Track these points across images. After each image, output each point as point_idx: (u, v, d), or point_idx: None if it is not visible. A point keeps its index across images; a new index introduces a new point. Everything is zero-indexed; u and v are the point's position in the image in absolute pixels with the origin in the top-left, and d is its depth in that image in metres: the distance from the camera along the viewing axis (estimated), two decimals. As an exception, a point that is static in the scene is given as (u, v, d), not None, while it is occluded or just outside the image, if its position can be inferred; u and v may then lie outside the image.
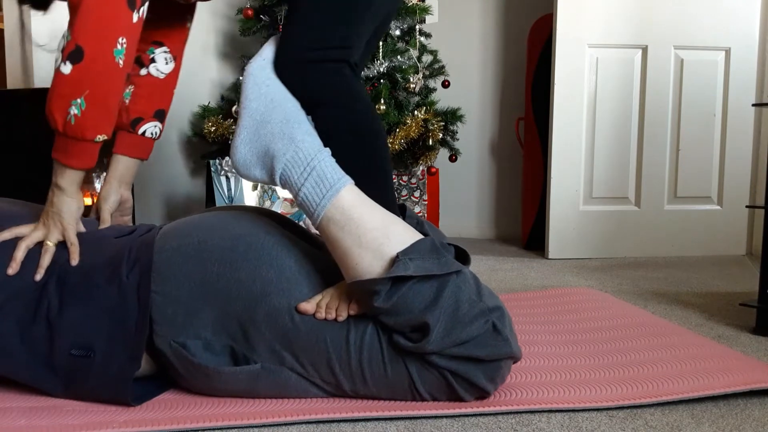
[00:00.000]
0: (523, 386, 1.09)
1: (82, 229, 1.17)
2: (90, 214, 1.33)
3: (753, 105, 1.66)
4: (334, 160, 1.05)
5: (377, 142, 1.13)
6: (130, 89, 1.34)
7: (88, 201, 2.35)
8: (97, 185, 2.45)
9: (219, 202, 2.50)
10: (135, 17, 1.09)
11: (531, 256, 2.74)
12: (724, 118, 2.71)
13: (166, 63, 1.35)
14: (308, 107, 1.10)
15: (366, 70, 2.61)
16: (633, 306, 1.65)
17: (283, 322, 1.01)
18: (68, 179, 1.12)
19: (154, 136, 1.37)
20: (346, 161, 1.06)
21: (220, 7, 3.15)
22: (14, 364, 1.04)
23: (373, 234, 0.99)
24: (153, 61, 1.34)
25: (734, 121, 2.71)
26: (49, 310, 1.04)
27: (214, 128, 2.72)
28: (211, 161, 2.55)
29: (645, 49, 2.67)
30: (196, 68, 3.15)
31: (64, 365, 1.03)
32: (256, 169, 1.08)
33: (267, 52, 1.11)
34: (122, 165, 1.35)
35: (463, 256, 1.06)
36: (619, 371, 1.17)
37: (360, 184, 1.05)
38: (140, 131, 1.34)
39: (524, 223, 3.02)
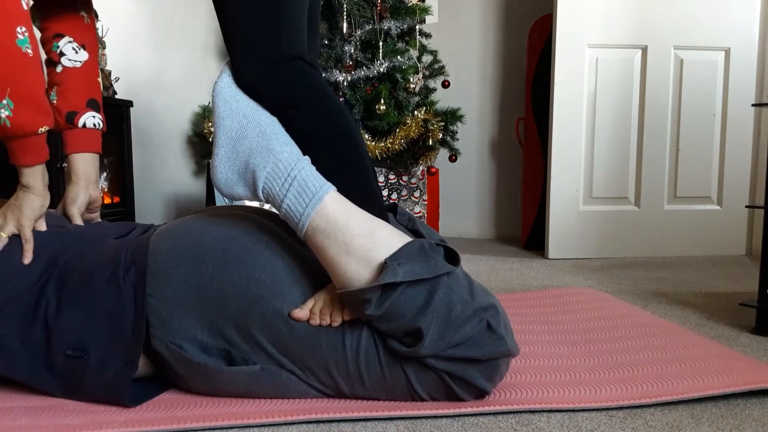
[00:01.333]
0: (522, 386, 1.09)
1: (44, 227, 1.17)
2: (56, 211, 1.32)
3: (753, 105, 1.66)
4: (314, 167, 1.03)
5: (352, 137, 1.10)
6: (54, 90, 1.33)
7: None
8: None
9: (219, 202, 2.50)
10: (23, 2, 1.07)
11: (531, 256, 2.74)
12: (724, 118, 2.72)
13: (76, 52, 1.33)
14: (276, 112, 1.08)
15: (366, 69, 2.62)
16: (633, 306, 1.65)
17: (278, 327, 1.00)
18: (31, 177, 1.13)
19: (97, 126, 1.35)
20: (325, 164, 1.05)
21: (220, 7, 3.15)
22: (15, 365, 1.04)
23: (359, 240, 0.98)
24: (62, 54, 1.32)
25: (734, 121, 2.71)
26: (48, 311, 1.04)
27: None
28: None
29: (645, 49, 2.67)
30: (196, 68, 3.15)
31: (60, 365, 1.03)
32: (238, 186, 1.06)
33: (230, 69, 1.10)
34: (81, 163, 1.33)
35: (452, 256, 1.05)
36: (619, 371, 1.17)
37: (343, 184, 1.04)
38: (80, 124, 1.33)
39: (524, 223, 3.02)
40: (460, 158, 2.96)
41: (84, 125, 1.33)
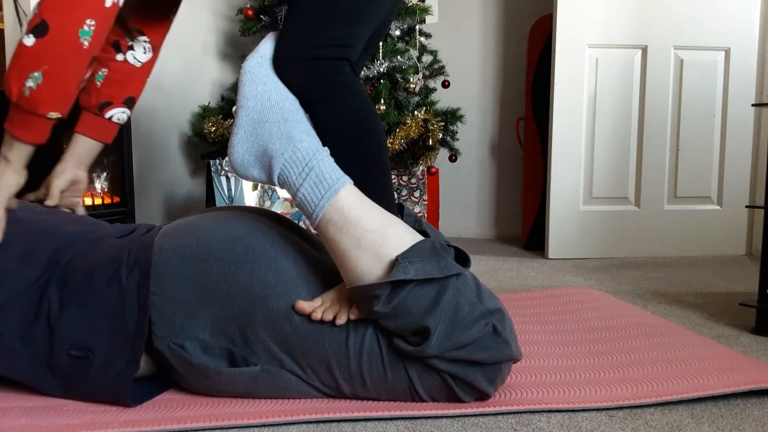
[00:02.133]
0: (523, 386, 1.09)
1: (14, 205, 1.16)
2: (41, 188, 1.32)
3: (753, 105, 1.66)
4: (332, 159, 1.04)
5: (376, 140, 1.11)
6: (103, 72, 1.33)
7: (88, 201, 2.35)
8: (97, 185, 2.45)
9: (219, 202, 2.50)
10: (108, 2, 1.08)
11: (531, 256, 2.74)
12: (724, 118, 2.72)
13: (144, 52, 1.34)
14: (307, 104, 1.08)
15: (366, 70, 2.61)
16: (633, 306, 1.65)
17: (281, 326, 1.00)
18: (16, 152, 1.12)
19: (120, 121, 1.36)
20: (344, 160, 1.05)
21: (220, 7, 3.16)
22: (15, 365, 1.04)
23: (372, 236, 0.98)
24: (131, 48, 1.33)
25: (734, 121, 2.71)
26: (50, 311, 1.04)
27: (214, 128, 2.72)
28: (211, 161, 2.55)
29: (645, 49, 2.67)
30: (196, 68, 3.15)
31: (63, 366, 1.03)
32: (254, 169, 1.06)
33: (264, 48, 1.09)
34: (83, 145, 1.34)
35: (462, 258, 1.05)
36: (619, 371, 1.17)
37: (359, 183, 1.04)
38: (107, 115, 1.33)
39: (524, 223, 3.02)
40: (460, 158, 2.96)
41: (110, 118, 1.34)
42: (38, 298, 1.05)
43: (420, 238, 1.01)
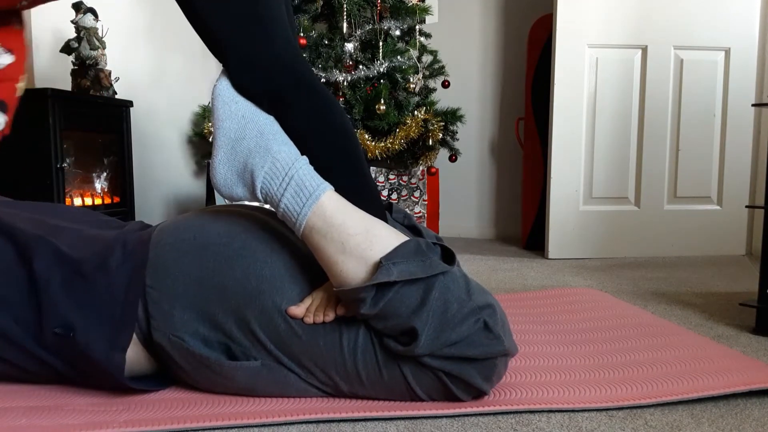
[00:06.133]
0: (522, 386, 1.09)
1: None
2: None
3: (753, 105, 1.66)
4: (311, 167, 1.04)
5: (344, 134, 1.10)
6: None
7: (88, 201, 2.35)
8: (97, 185, 2.45)
9: (219, 201, 2.51)
10: None
11: (531, 256, 2.74)
12: (724, 118, 2.72)
13: None
14: (271, 113, 1.08)
15: (366, 70, 2.62)
16: (633, 306, 1.66)
17: (276, 323, 1.01)
18: None
19: None
20: (321, 163, 1.05)
21: (220, 7, 3.16)
22: (13, 347, 1.05)
23: (356, 239, 0.98)
24: None
25: (734, 121, 2.71)
26: (39, 290, 1.04)
27: (214, 128, 2.72)
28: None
29: (645, 49, 2.67)
30: (196, 69, 3.15)
31: (50, 344, 1.03)
32: (237, 187, 1.06)
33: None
34: None
35: (449, 256, 1.05)
36: (619, 371, 1.17)
37: (339, 185, 1.04)
38: None
39: (524, 223, 3.02)
40: (460, 158, 2.96)
41: None
42: (27, 277, 1.05)
43: (405, 239, 1.01)
